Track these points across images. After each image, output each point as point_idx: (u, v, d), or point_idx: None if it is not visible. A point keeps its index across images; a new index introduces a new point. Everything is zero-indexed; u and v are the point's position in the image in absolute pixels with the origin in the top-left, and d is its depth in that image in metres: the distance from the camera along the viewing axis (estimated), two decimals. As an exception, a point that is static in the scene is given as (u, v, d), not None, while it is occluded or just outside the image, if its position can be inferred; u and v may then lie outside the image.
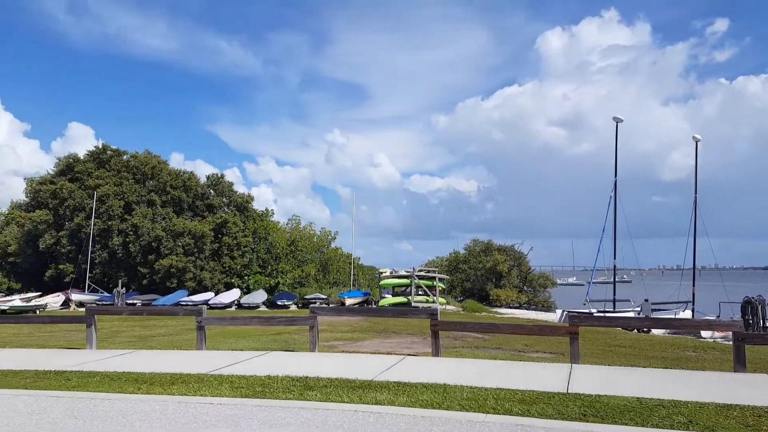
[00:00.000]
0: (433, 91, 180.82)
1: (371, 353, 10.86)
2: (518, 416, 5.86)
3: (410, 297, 31.32)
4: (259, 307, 31.65)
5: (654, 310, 25.65)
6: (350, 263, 39.22)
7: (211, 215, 37.71)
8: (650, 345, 13.57)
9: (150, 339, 14.60)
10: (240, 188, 43.92)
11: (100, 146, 39.50)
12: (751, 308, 21.05)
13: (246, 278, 36.71)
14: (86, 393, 7.22)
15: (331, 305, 30.17)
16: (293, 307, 31.79)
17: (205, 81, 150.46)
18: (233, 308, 31.57)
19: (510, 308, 37.56)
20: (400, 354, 10.59)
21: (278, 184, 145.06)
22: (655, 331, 19.40)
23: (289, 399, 6.72)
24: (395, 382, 7.49)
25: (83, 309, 18.23)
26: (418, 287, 32.01)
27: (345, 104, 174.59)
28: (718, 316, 22.56)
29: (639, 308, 25.94)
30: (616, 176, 29.26)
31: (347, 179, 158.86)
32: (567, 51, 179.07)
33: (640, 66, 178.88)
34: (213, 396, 6.94)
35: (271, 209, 42.05)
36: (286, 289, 35.44)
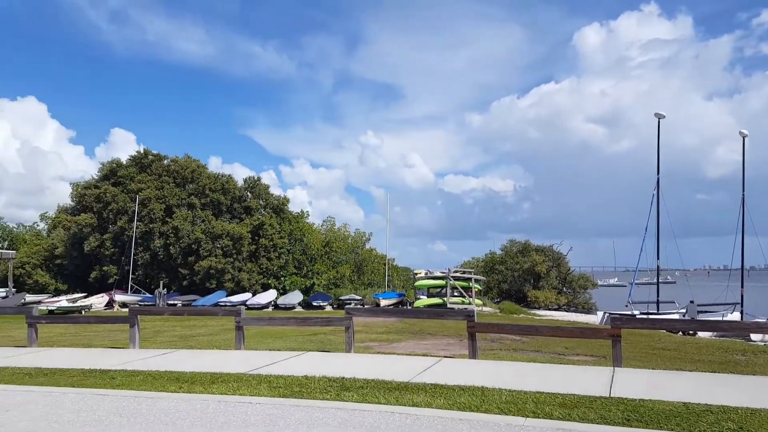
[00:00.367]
0: (467, 90, 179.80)
1: (407, 355, 10.81)
2: (559, 420, 5.72)
3: (446, 298, 31.17)
4: (295, 308, 31.98)
5: (700, 312, 24.87)
6: (385, 264, 39.28)
7: (249, 217, 38.36)
8: (696, 348, 13.08)
9: (190, 339, 14.90)
10: (276, 190, 44.58)
11: (142, 151, 40.76)
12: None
13: (282, 279, 37.19)
14: (130, 391, 7.40)
15: (366, 306, 30.27)
16: (328, 308, 32.02)
17: (241, 85, 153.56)
18: (270, 309, 32.00)
19: (548, 310, 37.00)
20: (437, 356, 10.52)
21: (313, 186, 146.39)
22: (702, 334, 18.83)
23: (326, 399, 6.74)
24: (432, 384, 7.42)
25: (126, 309, 18.79)
26: (454, 288, 31.82)
27: (378, 105, 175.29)
28: (769, 318, 21.70)
29: (684, 310, 25.17)
30: (659, 174, 28.46)
31: (381, 180, 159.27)
32: (605, 46, 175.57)
33: (682, 60, 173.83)
34: (252, 395, 7.01)
35: (307, 211, 42.58)
36: (321, 290, 35.72)
